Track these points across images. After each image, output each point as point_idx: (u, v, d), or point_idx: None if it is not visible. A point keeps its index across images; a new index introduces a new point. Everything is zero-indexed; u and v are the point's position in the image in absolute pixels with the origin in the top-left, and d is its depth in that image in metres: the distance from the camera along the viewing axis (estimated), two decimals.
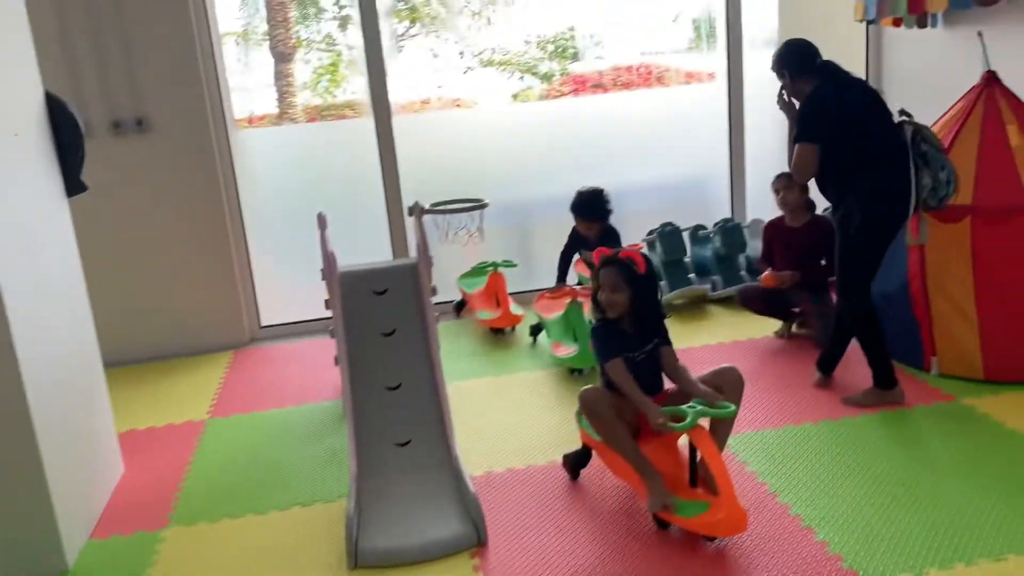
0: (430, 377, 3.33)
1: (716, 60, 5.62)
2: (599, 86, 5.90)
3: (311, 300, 5.01)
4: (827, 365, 3.71)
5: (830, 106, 3.28)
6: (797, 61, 3.41)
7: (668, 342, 2.87)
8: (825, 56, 3.44)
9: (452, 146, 5.49)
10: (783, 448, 3.17)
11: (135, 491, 3.27)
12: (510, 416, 3.66)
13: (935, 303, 3.61)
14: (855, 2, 4.48)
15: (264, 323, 5.16)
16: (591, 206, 4.39)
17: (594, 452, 3.00)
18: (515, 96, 5.97)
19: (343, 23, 5.64)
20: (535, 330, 4.55)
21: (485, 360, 4.40)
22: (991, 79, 3.69)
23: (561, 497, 2.95)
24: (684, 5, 5.73)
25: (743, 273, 5.03)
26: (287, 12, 5.67)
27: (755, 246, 5.08)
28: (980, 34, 3.77)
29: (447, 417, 3.17)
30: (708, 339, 4.40)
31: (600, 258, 2.83)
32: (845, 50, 5.52)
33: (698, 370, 2.84)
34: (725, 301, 4.93)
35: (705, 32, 5.69)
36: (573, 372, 4.04)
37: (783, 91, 3.50)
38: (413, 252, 5.04)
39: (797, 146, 3.34)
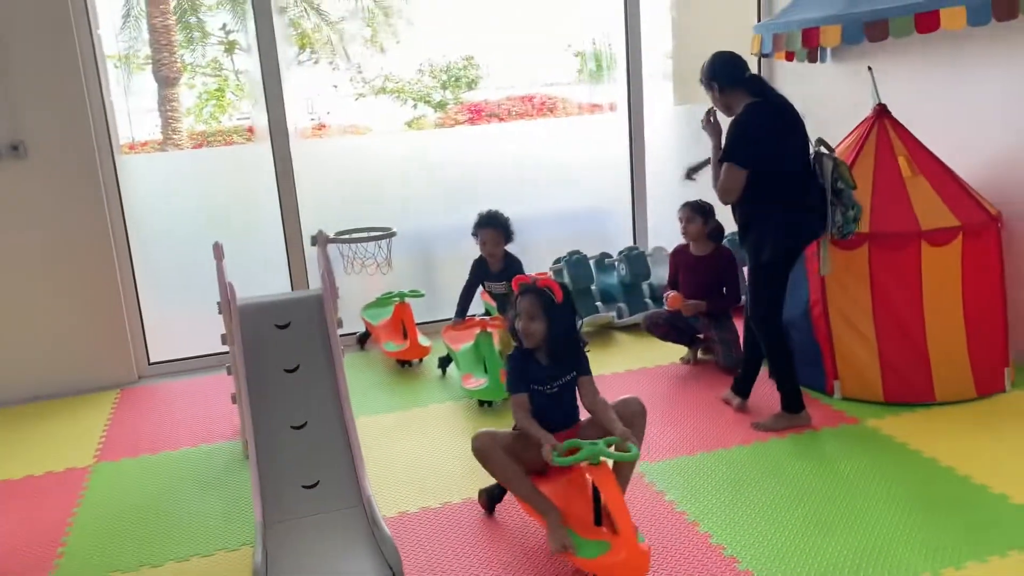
0: (338, 414, 3.18)
1: (613, 91, 5.71)
2: (495, 115, 5.90)
3: (204, 334, 4.74)
4: (743, 389, 3.74)
5: (760, 132, 3.30)
6: (728, 73, 3.40)
7: (587, 372, 2.83)
8: None
9: (352, 173, 5.38)
10: (699, 475, 3.16)
11: (9, 551, 2.97)
12: (423, 452, 3.54)
13: (836, 328, 3.71)
14: (752, 35, 4.61)
15: (153, 359, 4.86)
16: (491, 217, 4.37)
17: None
18: (408, 124, 5.92)
19: (230, 48, 5.47)
20: (444, 362, 4.44)
21: (393, 393, 4.26)
22: (882, 112, 3.85)
23: (479, 535, 2.85)
24: (576, 37, 5.79)
25: (648, 300, 5.08)
26: (171, 36, 5.46)
27: (658, 274, 5.14)
28: (870, 68, 3.93)
29: (358, 456, 3.02)
30: (616, 366, 4.40)
31: (519, 286, 2.77)
32: None
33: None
34: (631, 328, 4.95)
35: (606, 63, 5.78)
36: (483, 404, 3.96)
37: (711, 112, 3.52)
38: (315, 283, 4.91)
39: (725, 166, 3.33)
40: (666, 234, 5.56)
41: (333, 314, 3.44)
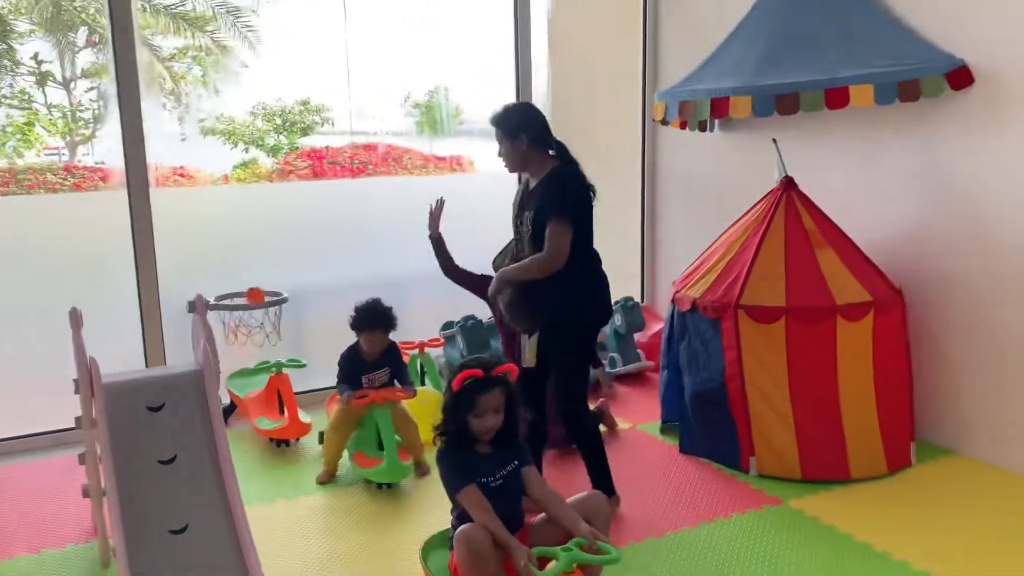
0: (226, 516, 2.71)
1: (456, 146, 5.55)
2: (336, 163, 5.60)
3: (24, 410, 4.10)
4: (607, 487, 3.28)
5: (584, 197, 3.11)
6: (540, 129, 3.14)
7: (530, 461, 2.52)
8: (601, 153, 3.39)
9: (205, 223, 4.77)
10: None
11: None
12: (325, 550, 3.07)
13: (752, 403, 3.60)
14: (655, 102, 4.55)
15: None
16: (377, 315, 3.75)
17: None
18: (243, 166, 5.58)
19: (41, 80, 4.87)
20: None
21: (273, 479, 3.74)
22: (789, 184, 3.84)
23: None
24: (414, 87, 5.62)
25: None
26: None
27: None
28: (775, 141, 3.94)
29: (255, 570, 2.56)
30: None
31: (476, 380, 2.40)
32: (617, 144, 5.69)
33: None
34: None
35: (445, 114, 5.63)
36: (381, 487, 3.55)
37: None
38: (175, 355, 4.32)
39: (558, 224, 3.01)
40: None
41: (216, 394, 2.96)
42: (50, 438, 4.14)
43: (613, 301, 5.13)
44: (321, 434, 3.95)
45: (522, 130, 3.13)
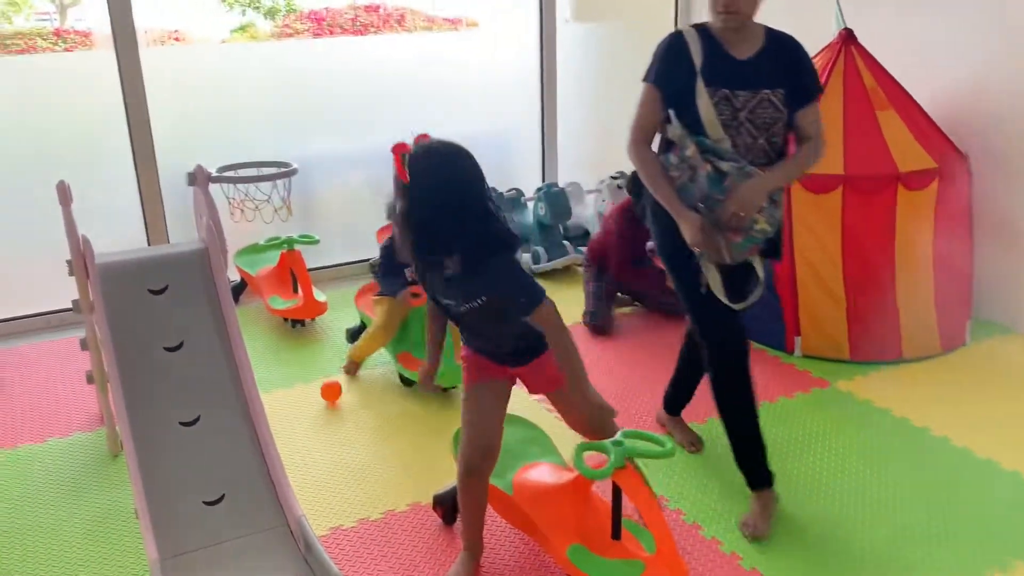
0: (240, 405, 2.50)
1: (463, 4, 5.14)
2: (337, 26, 5.18)
3: (25, 290, 3.87)
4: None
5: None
6: None
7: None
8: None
9: (206, 92, 4.40)
10: (680, 464, 2.71)
11: None
12: (345, 444, 2.89)
13: (801, 280, 3.34)
14: None
15: None
16: None
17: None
18: (240, 29, 5.17)
19: None
20: (355, 334, 3.62)
21: (290, 364, 3.52)
22: (848, 38, 3.44)
23: (436, 549, 2.29)
24: None
25: (565, 243, 4.54)
26: None
27: (579, 213, 4.66)
28: None
29: (273, 460, 2.36)
30: None
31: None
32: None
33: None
34: (550, 275, 4.42)
35: None
36: (447, 390, 3.19)
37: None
38: (179, 233, 4.05)
39: (817, 105, 2.33)
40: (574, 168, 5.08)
41: (223, 273, 2.71)
42: (51, 319, 3.94)
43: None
44: (350, 332, 3.65)
45: None
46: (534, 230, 4.54)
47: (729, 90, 2.24)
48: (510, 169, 5.02)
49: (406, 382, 3.26)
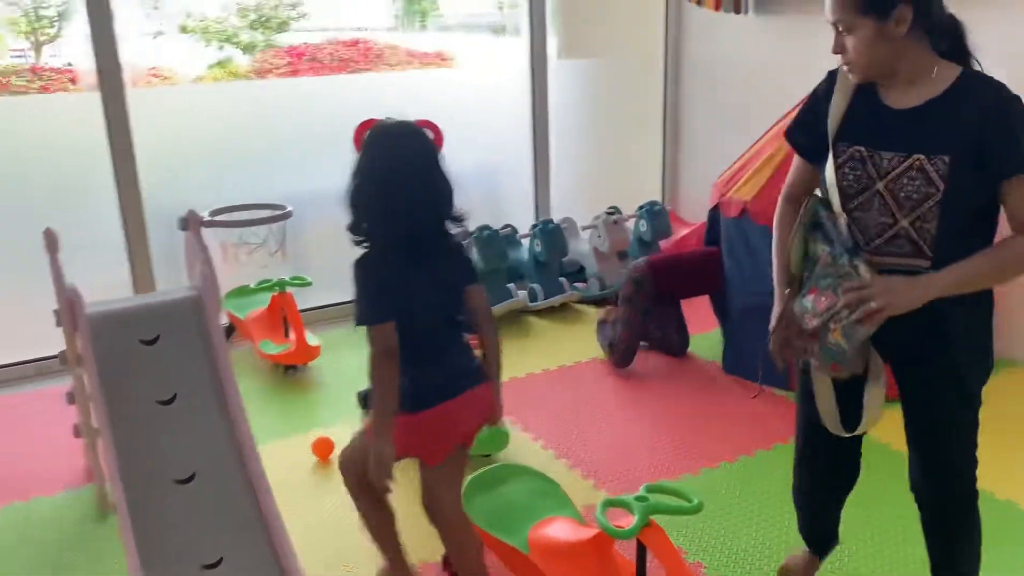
0: (237, 462, 2.39)
1: (440, 40, 5.16)
2: (316, 61, 5.14)
3: (10, 336, 3.76)
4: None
5: None
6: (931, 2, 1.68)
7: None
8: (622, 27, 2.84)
9: (184, 132, 4.30)
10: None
11: None
12: (344, 500, 2.76)
13: None
14: None
15: None
16: None
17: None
18: (219, 65, 5.16)
19: None
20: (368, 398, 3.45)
21: (284, 412, 3.41)
22: None
23: None
24: None
25: (562, 280, 4.47)
26: None
27: (574, 249, 4.60)
28: None
29: (273, 519, 2.26)
30: (531, 365, 3.68)
31: None
32: (638, 28, 5.23)
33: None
34: (546, 312, 4.34)
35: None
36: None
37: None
38: (167, 279, 3.93)
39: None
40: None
41: (217, 322, 2.62)
42: (39, 366, 3.81)
43: (638, 205, 4.79)
44: (361, 396, 3.37)
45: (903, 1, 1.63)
46: (530, 267, 4.47)
47: (866, 148, 1.72)
48: (503, 206, 4.97)
49: None
